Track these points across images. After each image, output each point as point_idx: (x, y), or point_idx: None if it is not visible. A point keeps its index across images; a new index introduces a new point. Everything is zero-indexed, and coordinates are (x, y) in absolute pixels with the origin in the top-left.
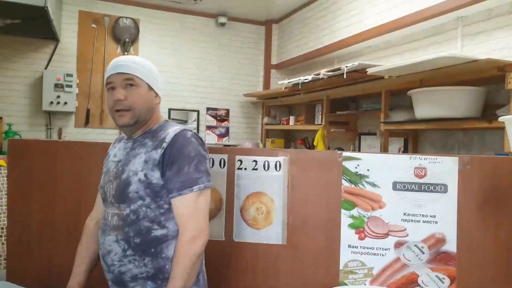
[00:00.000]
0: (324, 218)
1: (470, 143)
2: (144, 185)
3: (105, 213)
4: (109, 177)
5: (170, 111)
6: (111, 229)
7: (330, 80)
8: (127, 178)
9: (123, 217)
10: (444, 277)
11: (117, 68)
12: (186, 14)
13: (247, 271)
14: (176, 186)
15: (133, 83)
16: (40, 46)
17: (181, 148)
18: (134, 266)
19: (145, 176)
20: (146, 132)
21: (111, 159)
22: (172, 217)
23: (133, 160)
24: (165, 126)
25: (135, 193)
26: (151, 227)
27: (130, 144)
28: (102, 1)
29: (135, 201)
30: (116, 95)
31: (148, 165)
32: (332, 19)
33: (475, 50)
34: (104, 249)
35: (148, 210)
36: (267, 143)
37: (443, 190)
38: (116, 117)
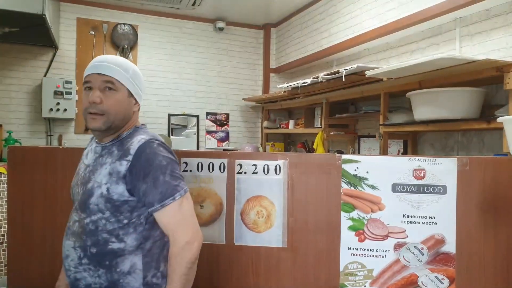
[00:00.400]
0: (324, 221)
1: (469, 144)
2: (104, 200)
3: (70, 216)
4: (77, 180)
5: (170, 117)
6: (70, 234)
7: (329, 83)
8: (92, 189)
9: (83, 225)
10: (443, 278)
11: (98, 68)
12: (184, 19)
13: (248, 275)
14: (157, 198)
15: (112, 86)
16: (39, 53)
17: (150, 159)
18: (89, 275)
19: (107, 190)
20: (116, 140)
21: (83, 160)
22: (131, 232)
23: (99, 169)
24: (133, 134)
25: (95, 205)
26: (108, 239)
27: (100, 149)
28: (100, 8)
29: (95, 213)
30: (92, 97)
31: (112, 178)
32: (330, 22)
33: (474, 51)
34: (64, 253)
35: (107, 223)
36: (267, 147)
37: (442, 192)
38: (88, 119)
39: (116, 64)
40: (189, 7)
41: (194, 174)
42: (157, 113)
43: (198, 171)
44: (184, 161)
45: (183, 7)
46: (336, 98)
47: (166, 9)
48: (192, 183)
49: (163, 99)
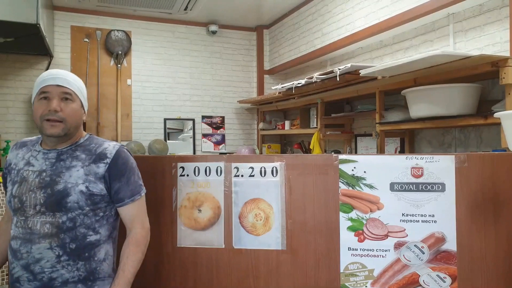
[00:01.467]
0: (323, 222)
1: (467, 140)
2: (85, 197)
3: (26, 222)
4: (28, 186)
5: (166, 121)
6: (41, 237)
7: (324, 83)
8: (65, 189)
9: (58, 224)
10: (445, 276)
11: (57, 80)
12: (177, 24)
13: (249, 278)
14: (128, 194)
15: (69, 97)
16: (34, 62)
17: (125, 162)
18: (67, 271)
19: (87, 188)
20: (74, 145)
21: (26, 168)
22: (105, 224)
23: (67, 172)
24: (94, 140)
25: (75, 203)
26: (86, 233)
27: (54, 154)
28: (94, 15)
29: (74, 210)
30: (52, 105)
31: (89, 178)
32: (322, 22)
33: (468, 46)
34: (30, 258)
35: (85, 218)
36: (264, 149)
37: (440, 189)
38: (46, 126)
39: (72, 78)
40: (182, 12)
41: (191, 179)
42: (153, 118)
43: (195, 176)
44: (181, 166)
45: (175, 12)
46: (331, 97)
47: (159, 14)
48: (189, 187)
49: (158, 104)
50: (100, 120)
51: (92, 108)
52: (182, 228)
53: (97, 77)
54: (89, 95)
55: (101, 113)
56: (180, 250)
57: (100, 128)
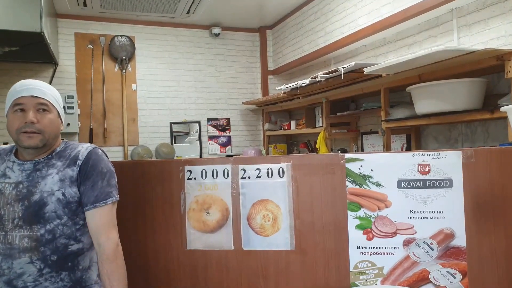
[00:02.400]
0: (331, 221)
1: (473, 135)
2: (62, 204)
3: (5, 237)
4: (5, 199)
5: (172, 125)
6: (21, 252)
7: (328, 82)
8: (42, 199)
9: (37, 237)
10: (455, 272)
11: (31, 91)
12: (180, 27)
13: (258, 279)
14: (91, 199)
15: (46, 108)
16: (39, 70)
17: (94, 164)
18: (51, 282)
19: (63, 195)
20: (49, 155)
21: (2, 181)
22: (87, 232)
23: (42, 181)
24: (69, 145)
25: (53, 212)
26: (67, 243)
27: (30, 166)
28: (97, 21)
29: (52, 220)
30: (29, 117)
31: (65, 183)
32: (325, 21)
33: (472, 41)
34: (12, 274)
35: (64, 227)
36: (270, 149)
37: (448, 185)
38: (23, 138)
39: (47, 88)
40: (184, 15)
41: (199, 182)
42: (159, 122)
43: (202, 178)
44: (188, 169)
45: (178, 16)
46: (336, 96)
47: (162, 19)
48: (197, 190)
49: (164, 107)
50: (106, 125)
51: (98, 114)
52: (191, 231)
53: (102, 83)
54: (95, 101)
55: (107, 118)
56: (190, 253)
57: (107, 134)
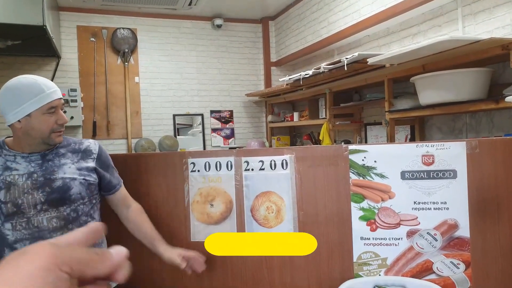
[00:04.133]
0: (335, 213)
1: (478, 125)
2: (85, 187)
3: (29, 222)
4: (20, 189)
5: (175, 117)
6: (51, 232)
7: (331, 73)
8: (65, 184)
9: (64, 217)
10: (459, 263)
11: (58, 93)
12: (182, 19)
13: (262, 270)
14: (116, 181)
15: (64, 106)
16: (42, 64)
17: (107, 155)
18: None
19: (84, 179)
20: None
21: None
22: (96, 209)
23: (59, 170)
24: (71, 139)
25: (78, 194)
26: (86, 219)
27: (38, 157)
28: (99, 14)
29: (77, 201)
30: (63, 118)
31: (82, 171)
32: (328, 11)
33: (477, 30)
34: None
35: (84, 206)
36: (273, 141)
37: (452, 176)
38: (54, 137)
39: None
40: (186, 7)
41: (202, 174)
42: (162, 114)
43: (206, 171)
44: (192, 161)
45: (180, 8)
46: (339, 87)
47: (163, 11)
48: (200, 183)
49: (167, 100)
50: (109, 118)
51: (101, 107)
52: (195, 223)
53: (105, 76)
54: (98, 94)
55: (111, 111)
56: (194, 245)
57: (110, 127)
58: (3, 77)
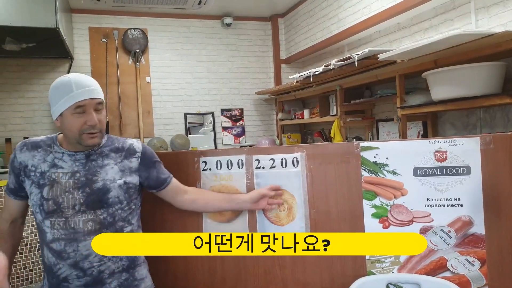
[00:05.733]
0: (347, 210)
1: (492, 120)
2: (123, 190)
3: (67, 223)
4: (62, 188)
5: (186, 116)
6: (86, 235)
7: (342, 70)
8: (105, 186)
9: (100, 221)
10: (474, 260)
11: (91, 93)
12: (192, 18)
13: (274, 267)
14: (164, 177)
15: (101, 107)
16: (56, 65)
17: (152, 152)
18: (113, 262)
19: (124, 182)
20: (101, 145)
21: (54, 171)
22: (135, 215)
23: (101, 170)
24: (115, 139)
25: (116, 198)
26: (123, 225)
27: (82, 156)
28: (110, 15)
29: (114, 205)
30: (92, 120)
31: (125, 173)
32: (338, 7)
33: (491, 23)
34: (78, 256)
35: (122, 212)
36: (284, 139)
37: (466, 172)
38: (85, 138)
39: (98, 86)
40: (195, 6)
41: (214, 172)
42: (173, 113)
43: (217, 169)
44: (203, 160)
45: (189, 7)
46: (350, 84)
47: (173, 10)
48: (212, 181)
49: (178, 99)
50: (122, 118)
51: (113, 106)
52: (207, 220)
53: (117, 76)
54: (110, 94)
55: (123, 111)
56: None
57: (123, 126)
58: (19, 79)
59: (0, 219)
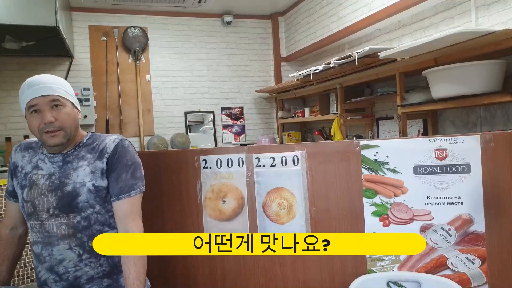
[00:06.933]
0: (347, 208)
1: (493, 118)
2: (93, 194)
3: (42, 226)
4: (39, 190)
5: (186, 114)
6: (59, 239)
7: (342, 68)
8: (74, 190)
9: (73, 225)
10: (474, 258)
11: (40, 90)
12: (192, 17)
13: (275, 266)
14: (115, 192)
15: (59, 103)
16: (56, 64)
17: (119, 157)
18: (90, 268)
19: (93, 185)
20: (77, 146)
21: (35, 172)
22: None
23: (74, 172)
24: (97, 137)
25: (86, 202)
26: (102, 229)
27: (60, 158)
28: (110, 13)
29: (86, 209)
30: (46, 118)
31: (96, 174)
32: (338, 5)
33: (491, 21)
34: (52, 260)
35: (98, 215)
36: (284, 137)
37: (466, 170)
38: (46, 138)
39: (54, 83)
40: (196, 4)
41: (214, 171)
42: (173, 112)
43: (217, 168)
44: (204, 158)
45: (189, 5)
46: (350, 82)
47: (173, 9)
48: (212, 179)
49: (178, 98)
50: (122, 117)
51: (113, 105)
52: (207, 219)
53: (117, 75)
54: (110, 93)
55: (123, 109)
56: None
57: (123, 125)
58: (19, 78)
59: (0, 224)
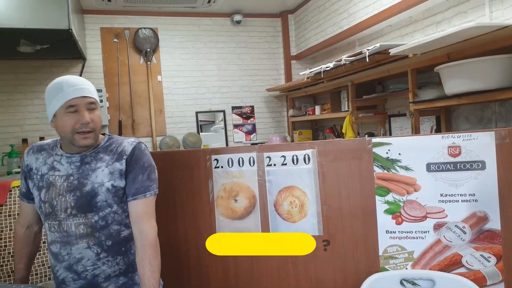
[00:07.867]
0: (359, 206)
1: (508, 114)
2: (112, 194)
3: (60, 226)
4: (57, 191)
5: (197, 114)
6: (78, 238)
7: (353, 65)
8: (93, 190)
9: (92, 224)
10: (489, 256)
11: (81, 91)
12: (201, 17)
13: (287, 264)
14: (131, 192)
15: (94, 106)
16: (69, 66)
17: (137, 159)
18: (108, 266)
19: (112, 185)
20: (96, 148)
21: (52, 173)
22: None
23: (93, 173)
24: (115, 140)
25: (104, 202)
26: (119, 229)
27: (77, 158)
28: (121, 15)
29: (104, 209)
30: (84, 118)
31: (114, 175)
32: (348, 2)
33: (506, 15)
34: (71, 259)
35: (115, 215)
36: (295, 136)
37: (480, 167)
38: (78, 139)
39: (90, 85)
40: (205, 5)
41: (226, 170)
42: (185, 112)
43: (229, 167)
44: (215, 158)
45: (199, 5)
46: (361, 79)
47: (183, 9)
48: (224, 178)
49: (189, 97)
50: (134, 117)
51: (126, 106)
52: (220, 218)
53: (129, 76)
54: (122, 94)
55: (135, 110)
56: None
57: (136, 125)
58: (33, 80)
59: (16, 223)
